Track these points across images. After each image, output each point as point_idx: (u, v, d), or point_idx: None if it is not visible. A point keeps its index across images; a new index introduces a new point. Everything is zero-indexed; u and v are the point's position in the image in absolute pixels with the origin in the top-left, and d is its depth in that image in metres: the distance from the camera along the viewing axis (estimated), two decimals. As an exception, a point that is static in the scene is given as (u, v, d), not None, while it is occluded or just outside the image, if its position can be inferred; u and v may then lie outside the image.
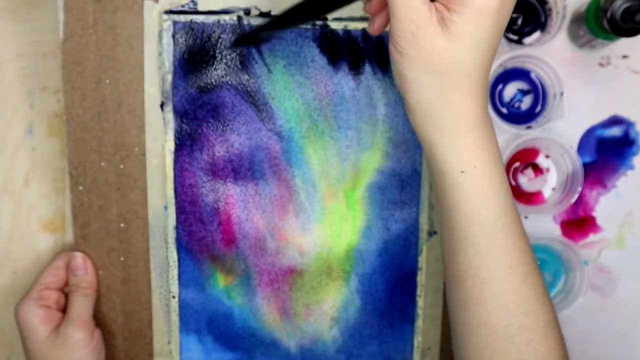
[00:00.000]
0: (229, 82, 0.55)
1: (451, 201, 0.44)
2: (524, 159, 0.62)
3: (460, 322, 0.47)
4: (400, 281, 0.58)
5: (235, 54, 0.55)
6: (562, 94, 0.60)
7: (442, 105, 0.42)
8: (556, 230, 0.63)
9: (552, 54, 0.60)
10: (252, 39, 0.55)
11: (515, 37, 0.60)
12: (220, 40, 0.54)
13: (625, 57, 0.61)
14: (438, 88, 0.42)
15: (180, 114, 0.55)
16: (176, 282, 0.58)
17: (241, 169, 0.56)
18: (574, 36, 0.60)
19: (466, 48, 0.41)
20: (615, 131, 0.62)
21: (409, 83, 0.42)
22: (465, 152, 0.43)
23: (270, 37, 0.55)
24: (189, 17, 0.54)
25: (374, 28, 0.46)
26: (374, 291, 0.59)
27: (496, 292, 0.45)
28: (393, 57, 0.42)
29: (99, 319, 0.58)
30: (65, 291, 0.57)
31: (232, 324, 0.59)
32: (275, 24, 0.52)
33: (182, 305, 0.58)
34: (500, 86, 0.62)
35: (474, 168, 0.43)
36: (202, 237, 0.57)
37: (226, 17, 0.54)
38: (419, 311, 0.59)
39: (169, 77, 0.55)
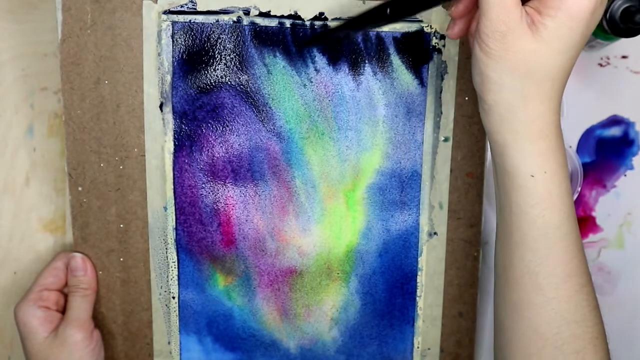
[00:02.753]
0: (229, 83, 0.55)
1: (515, 204, 0.45)
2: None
3: (508, 326, 0.47)
4: (400, 282, 0.58)
5: (234, 54, 0.54)
6: (562, 94, 0.60)
7: (520, 108, 0.43)
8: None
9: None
10: (324, 38, 0.54)
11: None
12: (219, 40, 0.54)
13: (624, 57, 0.61)
14: (519, 90, 0.42)
15: (180, 115, 0.55)
16: (176, 282, 0.58)
17: (241, 170, 0.56)
18: (574, 36, 0.60)
19: (555, 52, 0.41)
20: (615, 131, 0.62)
21: (491, 83, 0.42)
22: (538, 156, 0.43)
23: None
24: (188, 17, 0.54)
25: (453, 32, 0.47)
26: (374, 292, 0.59)
27: (551, 300, 0.45)
28: (477, 57, 0.42)
29: (98, 320, 0.58)
30: (64, 292, 0.57)
31: (232, 325, 0.59)
32: (350, 25, 0.51)
33: (182, 306, 0.58)
34: (500, 86, 0.61)
35: (544, 173, 0.44)
36: (202, 238, 0.57)
37: (225, 17, 0.54)
38: (419, 312, 0.59)
39: (168, 78, 0.55)
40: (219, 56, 0.55)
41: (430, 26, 0.54)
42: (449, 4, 0.46)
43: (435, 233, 0.58)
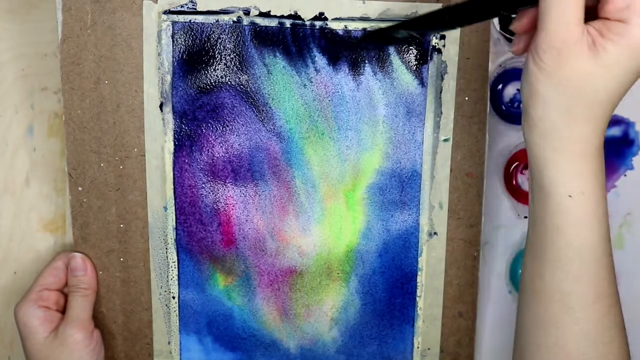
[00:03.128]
0: (229, 83, 0.55)
1: (550, 222, 0.44)
2: (524, 159, 0.62)
3: (532, 340, 0.47)
4: (400, 282, 0.59)
5: (234, 54, 0.55)
6: (562, 94, 0.60)
7: (564, 127, 0.42)
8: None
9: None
10: (384, 37, 0.53)
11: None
12: (219, 40, 0.54)
13: (625, 57, 0.61)
14: (566, 109, 0.41)
15: (180, 115, 0.55)
16: (176, 282, 0.58)
17: (241, 170, 0.56)
18: (574, 36, 0.60)
19: (610, 77, 0.40)
20: (615, 131, 0.62)
21: (538, 98, 0.42)
22: (577, 177, 0.43)
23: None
24: (188, 17, 0.54)
25: (519, 48, 0.45)
26: (374, 292, 0.59)
27: (580, 320, 0.45)
28: (529, 69, 0.41)
29: (98, 320, 0.58)
30: (64, 292, 0.57)
31: (232, 325, 0.59)
32: (415, 24, 0.50)
33: (182, 306, 0.58)
34: (499, 86, 0.61)
35: (581, 194, 0.43)
36: (202, 237, 0.57)
37: (225, 17, 0.54)
38: (419, 312, 0.59)
39: (168, 78, 0.55)
40: (219, 56, 0.55)
41: (430, 26, 0.54)
42: (513, 20, 0.45)
43: (435, 233, 0.58)
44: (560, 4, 0.39)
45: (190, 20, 0.54)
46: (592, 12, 0.41)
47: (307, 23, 0.54)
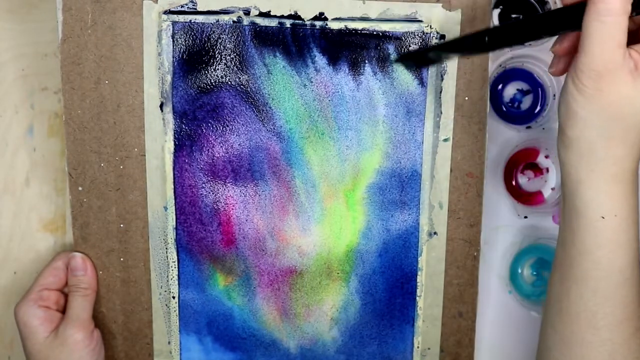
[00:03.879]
0: (229, 83, 0.55)
1: (580, 242, 0.44)
2: (524, 159, 0.62)
3: (557, 357, 0.47)
4: (400, 282, 0.59)
5: (234, 54, 0.55)
6: (562, 94, 0.60)
7: (601, 149, 0.42)
8: (556, 230, 0.62)
9: (551, 54, 0.60)
10: (420, 57, 0.54)
11: (515, 37, 0.60)
12: (219, 40, 0.54)
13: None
14: (604, 131, 0.41)
15: (180, 115, 0.55)
16: (176, 282, 0.58)
17: (241, 170, 0.56)
18: (574, 36, 0.60)
19: None
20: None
21: (575, 119, 0.41)
22: (611, 198, 0.43)
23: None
24: (188, 17, 0.54)
25: (558, 69, 0.45)
26: (374, 292, 0.59)
27: (605, 340, 0.45)
28: (568, 89, 0.41)
29: (98, 319, 0.58)
30: (65, 292, 0.57)
31: (232, 325, 0.59)
32: (451, 47, 0.51)
33: (182, 306, 0.58)
34: (499, 86, 0.62)
35: (614, 216, 0.43)
36: (202, 237, 0.57)
37: (226, 17, 0.54)
38: (419, 312, 0.59)
39: (169, 78, 0.55)
40: (219, 56, 0.55)
41: (430, 26, 0.54)
42: (554, 42, 0.45)
43: (435, 233, 0.58)
44: (604, 29, 0.38)
45: (190, 20, 0.54)
46: (636, 36, 0.41)
47: (307, 23, 0.54)
